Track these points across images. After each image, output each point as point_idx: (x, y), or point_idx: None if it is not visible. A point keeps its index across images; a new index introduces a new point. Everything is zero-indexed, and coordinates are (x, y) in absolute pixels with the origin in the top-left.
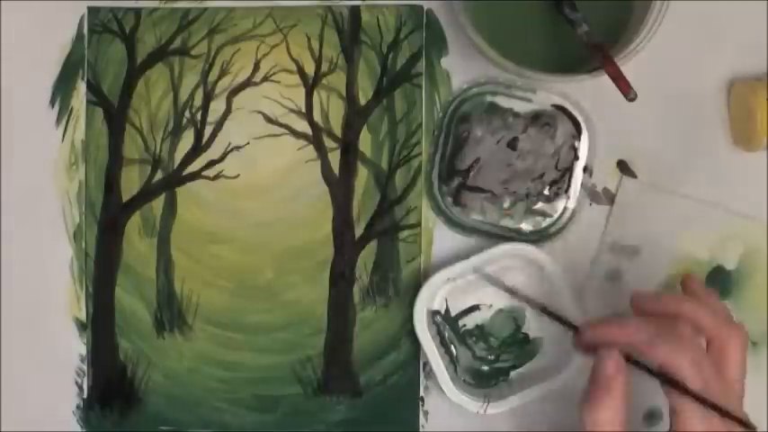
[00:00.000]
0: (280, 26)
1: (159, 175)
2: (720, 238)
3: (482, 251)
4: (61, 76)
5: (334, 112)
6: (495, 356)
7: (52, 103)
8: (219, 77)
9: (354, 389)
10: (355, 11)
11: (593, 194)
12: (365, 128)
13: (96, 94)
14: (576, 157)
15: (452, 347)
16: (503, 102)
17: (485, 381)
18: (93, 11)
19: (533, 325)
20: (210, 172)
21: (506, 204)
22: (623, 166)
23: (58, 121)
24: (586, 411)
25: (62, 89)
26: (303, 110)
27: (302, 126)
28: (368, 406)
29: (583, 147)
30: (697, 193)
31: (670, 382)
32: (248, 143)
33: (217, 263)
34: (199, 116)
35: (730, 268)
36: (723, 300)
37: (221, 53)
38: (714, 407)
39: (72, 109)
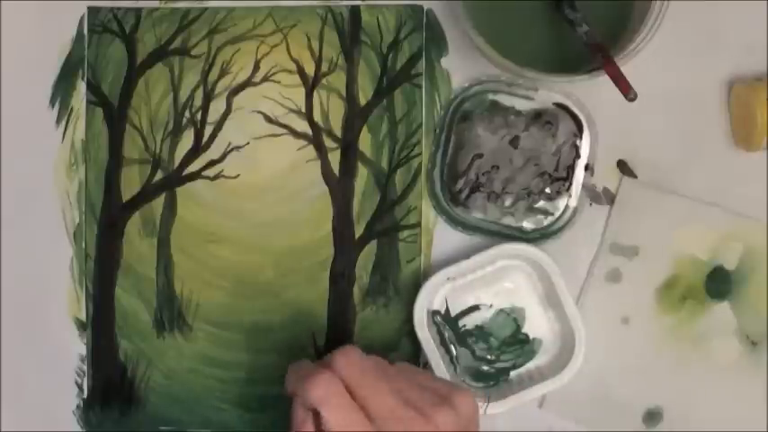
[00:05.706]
0: (280, 26)
1: (159, 175)
2: (720, 238)
3: (482, 251)
4: (61, 76)
5: (334, 112)
6: (495, 356)
7: (52, 103)
8: (219, 77)
9: None
10: (355, 11)
11: (593, 194)
12: (365, 128)
13: (96, 94)
14: (578, 156)
15: (452, 347)
16: (504, 100)
17: (485, 381)
18: (93, 11)
19: (533, 325)
20: (210, 172)
21: (508, 202)
22: (623, 166)
23: (58, 121)
24: None
25: (62, 89)
26: (303, 110)
27: (302, 126)
28: None
29: (584, 145)
30: (697, 194)
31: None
32: (248, 143)
33: (217, 263)
34: (199, 116)
35: (730, 268)
36: (722, 300)
37: (221, 53)
38: None
39: (72, 109)
